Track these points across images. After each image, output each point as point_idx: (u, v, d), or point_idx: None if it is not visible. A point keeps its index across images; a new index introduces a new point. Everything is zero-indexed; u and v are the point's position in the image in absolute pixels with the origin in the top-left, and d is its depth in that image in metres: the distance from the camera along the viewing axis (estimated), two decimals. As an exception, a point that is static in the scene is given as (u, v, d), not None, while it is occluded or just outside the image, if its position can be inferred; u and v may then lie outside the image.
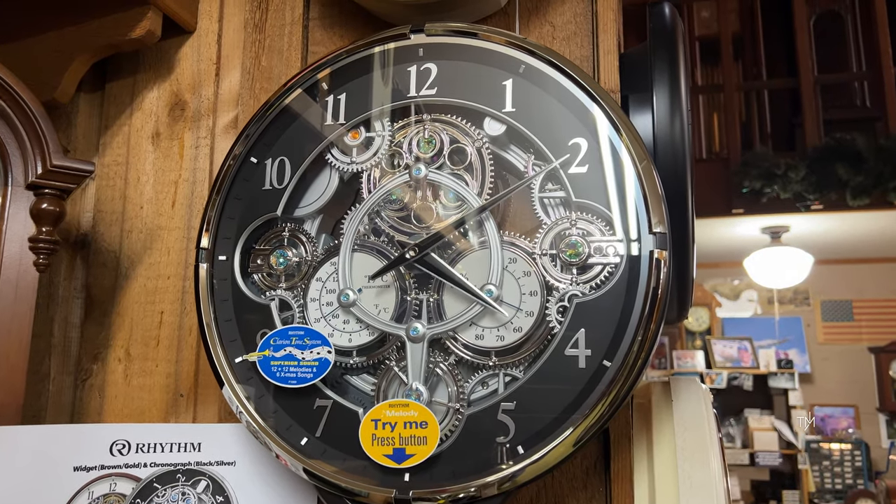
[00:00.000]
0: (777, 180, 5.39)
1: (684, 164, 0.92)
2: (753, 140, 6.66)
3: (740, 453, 6.75)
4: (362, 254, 0.94)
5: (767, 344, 7.38)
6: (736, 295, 7.89)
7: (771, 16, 7.19)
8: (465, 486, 0.81)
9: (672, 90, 0.95)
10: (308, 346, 0.89)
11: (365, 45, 0.96)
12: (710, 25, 7.55)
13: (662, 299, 0.81)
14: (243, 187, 0.97)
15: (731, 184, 5.78)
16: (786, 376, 6.90)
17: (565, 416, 0.80)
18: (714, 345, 7.15)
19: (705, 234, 6.58)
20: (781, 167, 5.38)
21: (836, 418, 7.30)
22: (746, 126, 7.04)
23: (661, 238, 0.81)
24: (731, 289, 7.94)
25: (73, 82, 1.14)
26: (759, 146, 6.16)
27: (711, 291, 7.85)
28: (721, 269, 7.73)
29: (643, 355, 0.80)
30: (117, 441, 0.95)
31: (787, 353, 7.09)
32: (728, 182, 5.86)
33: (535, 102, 0.89)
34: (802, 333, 7.64)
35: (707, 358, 7.12)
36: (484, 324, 0.88)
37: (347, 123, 0.96)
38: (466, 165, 0.92)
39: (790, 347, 7.45)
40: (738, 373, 6.94)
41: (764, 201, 5.54)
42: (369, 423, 0.85)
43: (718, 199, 5.86)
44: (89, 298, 1.18)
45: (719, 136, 7.11)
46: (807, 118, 5.85)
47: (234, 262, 0.96)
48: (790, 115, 6.95)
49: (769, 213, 5.70)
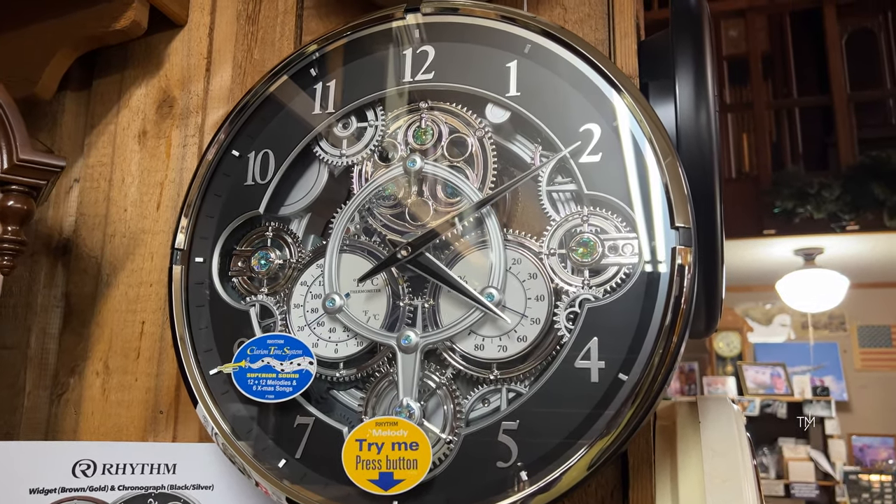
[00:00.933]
0: (810, 200, 5.22)
1: (711, 156, 0.82)
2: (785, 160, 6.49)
3: (775, 484, 6.49)
4: (351, 255, 0.85)
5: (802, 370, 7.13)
6: (768, 319, 7.66)
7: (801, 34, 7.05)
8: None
9: (697, 76, 0.85)
10: (288, 356, 0.80)
11: (356, 27, 0.88)
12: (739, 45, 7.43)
13: (687, 303, 0.70)
14: (223, 182, 0.89)
15: (761, 204, 5.61)
16: (822, 404, 6.63)
17: (575, 438, 0.70)
18: (746, 371, 6.91)
19: (735, 256, 6.40)
20: (815, 186, 5.21)
21: (875, 448, 7.00)
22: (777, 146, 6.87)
23: (685, 234, 0.71)
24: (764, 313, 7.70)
25: (56, 77, 1.07)
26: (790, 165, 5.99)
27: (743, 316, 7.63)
28: (753, 292, 7.51)
29: (665, 368, 0.69)
30: (81, 461, 0.86)
31: (822, 380, 6.83)
32: (759, 202, 5.69)
33: (542, 85, 0.80)
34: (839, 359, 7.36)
35: (739, 384, 6.89)
36: (484, 332, 0.78)
37: (337, 113, 0.87)
38: (466, 157, 0.83)
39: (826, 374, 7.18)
40: (772, 400, 6.69)
41: (796, 222, 5.37)
42: (353, 444, 0.75)
43: (749, 220, 5.69)
44: (68, 307, 1.10)
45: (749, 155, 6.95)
46: (841, 136, 5.68)
47: (212, 264, 0.87)
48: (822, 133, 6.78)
49: (802, 234, 5.51)
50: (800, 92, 6.90)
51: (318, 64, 0.88)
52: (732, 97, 7.50)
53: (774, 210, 5.36)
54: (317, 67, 0.89)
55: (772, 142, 6.98)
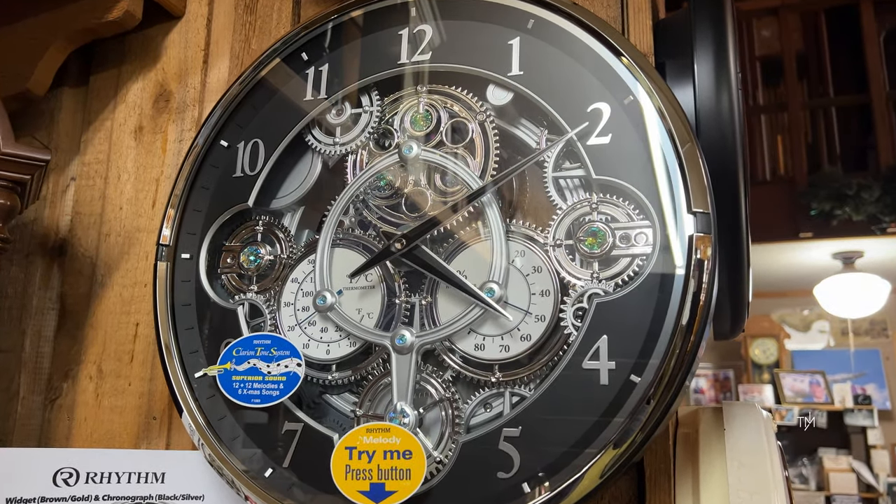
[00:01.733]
0: (849, 202, 5.04)
1: (733, 139, 0.74)
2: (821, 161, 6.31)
3: (815, 496, 6.28)
4: (345, 249, 0.79)
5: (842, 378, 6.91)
6: (806, 326, 7.43)
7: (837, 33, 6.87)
8: (457, 534, 0.65)
9: (718, 53, 0.78)
10: (275, 357, 0.75)
11: (349, 7, 0.82)
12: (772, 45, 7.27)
13: (707, 297, 0.63)
14: (211, 175, 0.84)
15: (797, 206, 5.45)
16: (864, 413, 6.41)
17: (582, 447, 0.63)
18: (783, 379, 6.72)
19: (771, 261, 6.22)
20: (853, 188, 5.04)
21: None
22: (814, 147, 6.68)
23: (703, 220, 0.64)
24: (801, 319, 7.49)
25: (49, 72, 1.04)
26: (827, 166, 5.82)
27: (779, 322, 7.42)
28: (789, 298, 7.30)
29: (682, 370, 0.62)
30: (63, 469, 0.81)
31: (864, 388, 6.61)
32: (794, 205, 5.52)
33: (547, 63, 0.74)
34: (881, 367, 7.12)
35: (776, 393, 6.70)
36: (485, 331, 0.72)
37: (330, 98, 0.82)
38: (467, 143, 0.77)
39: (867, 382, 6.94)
40: (811, 409, 6.49)
41: (834, 224, 5.19)
42: (343, 452, 0.69)
43: (784, 223, 5.52)
44: (63, 309, 1.06)
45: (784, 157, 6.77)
46: (880, 136, 5.50)
47: (199, 260, 0.82)
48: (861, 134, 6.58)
49: (840, 237, 5.33)
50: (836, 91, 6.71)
51: (309, 47, 0.83)
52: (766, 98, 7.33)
53: (811, 212, 5.20)
54: (308, 51, 0.83)
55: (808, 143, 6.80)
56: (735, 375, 7.10)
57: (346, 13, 0.82)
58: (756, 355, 7.08)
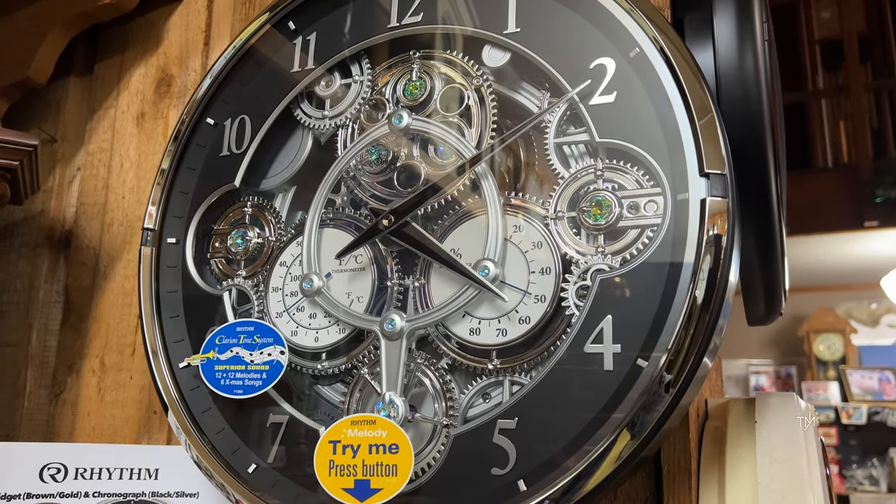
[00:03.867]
0: (917, 188, 4.77)
1: (759, 103, 0.66)
2: (887, 147, 6.00)
3: (886, 499, 5.98)
4: (335, 230, 0.74)
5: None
6: (874, 320, 7.08)
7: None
8: (446, 537, 0.59)
9: (741, 4, 0.69)
10: (258, 345, 0.70)
11: (336, -30, 0.77)
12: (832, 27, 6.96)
13: (724, 271, 0.55)
14: (198, 154, 0.80)
15: (861, 194, 5.19)
16: (939, 411, 6.07)
17: (583, 440, 0.56)
18: (850, 375, 6.42)
19: (834, 252, 5.95)
20: (921, 172, 4.76)
21: None
22: (879, 132, 6.36)
23: (718, 182, 0.56)
24: (869, 313, 7.14)
25: (50, 60, 1.02)
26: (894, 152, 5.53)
27: (846, 317, 7.09)
28: (855, 291, 6.97)
29: (696, 353, 0.55)
30: (50, 465, 0.78)
31: (937, 385, 6.26)
32: (858, 193, 5.27)
33: (545, 17, 0.67)
34: (955, 362, 6.74)
35: (842, 390, 6.40)
36: (480, 314, 0.65)
37: (318, 69, 0.76)
38: (463, 110, 0.71)
39: (943, 378, 6.58)
40: (881, 407, 6.18)
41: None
42: (327, 446, 0.63)
43: (848, 212, 5.27)
44: (68, 302, 1.04)
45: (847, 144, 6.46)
46: (950, 118, 5.19)
47: (185, 245, 0.78)
48: (930, 118, 6.23)
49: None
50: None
51: (295, 15, 0.78)
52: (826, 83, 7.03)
53: (876, 200, 4.94)
54: (295, 19, 0.78)
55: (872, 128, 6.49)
56: (798, 372, 6.81)
57: (332, -23, 0.77)
58: (820, 351, 6.78)
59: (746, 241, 0.68)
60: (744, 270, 0.72)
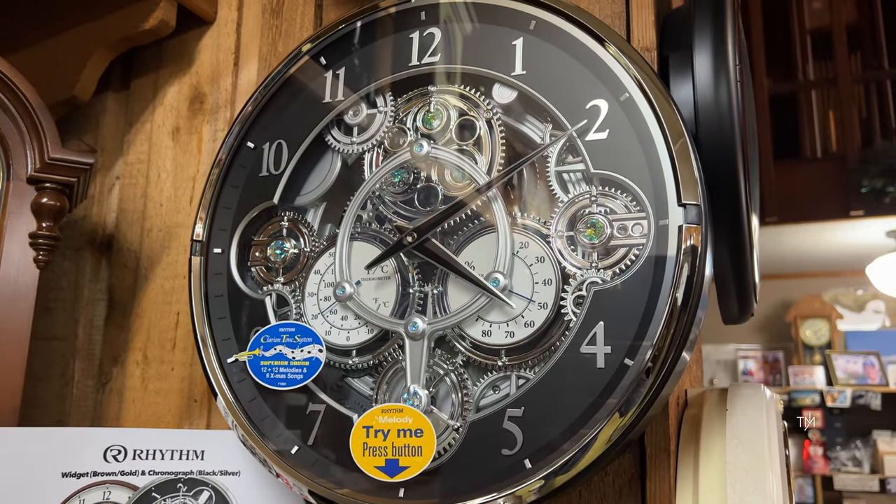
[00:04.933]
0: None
1: (732, 131, 0.77)
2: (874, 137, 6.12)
3: (869, 479, 6.16)
4: (363, 243, 0.85)
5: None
6: (860, 306, 7.25)
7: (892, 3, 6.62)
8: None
9: (717, 46, 0.80)
10: (299, 344, 0.81)
11: (362, 14, 0.87)
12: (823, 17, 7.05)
13: (697, 285, 0.67)
14: (240, 174, 0.90)
15: (848, 184, 5.31)
16: (921, 395, 6.25)
17: (578, 426, 0.67)
18: (836, 360, 6.58)
19: (822, 240, 6.08)
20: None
21: (981, 442, 6.54)
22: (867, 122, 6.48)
23: (693, 211, 0.67)
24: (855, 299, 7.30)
25: (93, 79, 1.12)
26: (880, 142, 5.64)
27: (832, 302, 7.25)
28: (842, 277, 7.12)
29: (674, 353, 0.66)
30: (112, 446, 0.89)
31: (921, 370, 6.43)
32: (845, 182, 5.39)
33: (548, 62, 0.77)
34: (939, 347, 6.91)
35: (828, 374, 6.56)
36: (492, 318, 0.76)
37: (346, 101, 0.87)
38: (475, 140, 0.82)
39: (926, 363, 6.75)
40: (864, 391, 6.35)
41: (887, 202, 5.05)
42: (361, 431, 0.75)
43: (835, 201, 5.40)
44: (111, 300, 1.15)
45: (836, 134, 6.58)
46: (935, 110, 5.31)
47: (230, 254, 0.89)
48: (919, 108, 6.35)
49: (893, 215, 5.18)
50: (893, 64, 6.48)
51: (326, 52, 0.88)
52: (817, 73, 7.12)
53: (862, 190, 5.06)
54: (326, 56, 0.89)
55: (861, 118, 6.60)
56: (785, 357, 6.97)
57: (359, 19, 0.87)
58: (807, 336, 6.94)
59: (720, 251, 0.79)
60: (718, 277, 0.83)
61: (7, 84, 0.92)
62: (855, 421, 6.44)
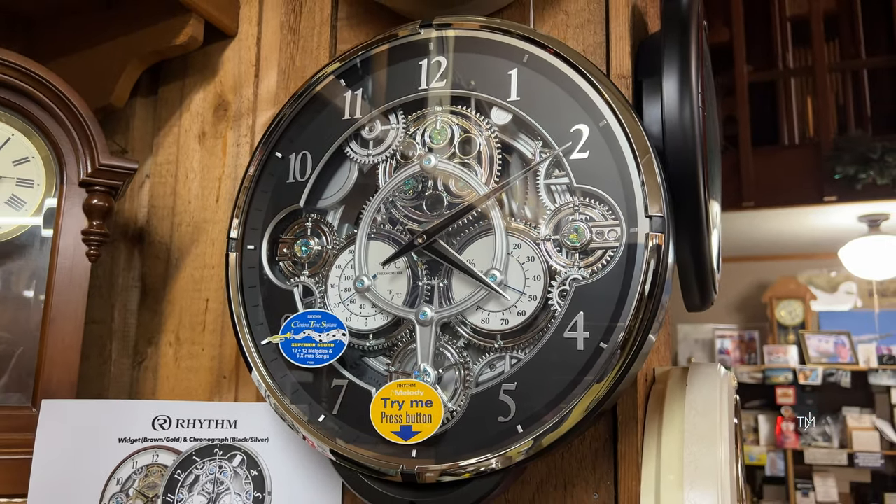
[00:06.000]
0: (873, 165, 5.09)
1: (694, 148, 0.91)
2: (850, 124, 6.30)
3: (838, 453, 6.42)
4: (378, 242, 0.98)
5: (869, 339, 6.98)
6: (833, 287, 7.49)
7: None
8: (467, 464, 0.84)
9: (682, 74, 0.94)
10: (325, 328, 0.95)
11: (378, 42, 1.00)
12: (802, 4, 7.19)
13: (660, 282, 0.81)
14: (269, 181, 1.03)
15: (822, 170, 5.50)
16: (888, 373, 6.50)
17: (561, 399, 0.82)
18: (808, 339, 6.81)
19: (797, 224, 6.28)
20: (878, 151, 5.07)
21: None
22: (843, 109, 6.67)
23: (657, 222, 0.82)
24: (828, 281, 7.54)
25: (127, 88, 1.24)
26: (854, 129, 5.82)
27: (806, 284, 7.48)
28: (816, 260, 7.35)
29: (639, 338, 0.81)
30: (159, 416, 1.03)
31: (889, 349, 6.68)
32: (820, 168, 5.58)
33: (539, 90, 0.91)
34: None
35: (801, 353, 6.81)
36: (489, 308, 0.90)
37: (363, 118, 1.00)
38: (475, 154, 0.95)
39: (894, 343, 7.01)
40: (835, 369, 6.60)
41: (858, 188, 5.25)
42: (379, 402, 0.89)
43: (809, 187, 5.58)
44: (144, 287, 1.28)
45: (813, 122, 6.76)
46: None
47: (261, 251, 1.02)
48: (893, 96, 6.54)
49: (865, 201, 5.38)
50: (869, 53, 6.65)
51: (346, 75, 1.01)
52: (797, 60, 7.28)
53: (835, 176, 5.25)
54: (345, 78, 1.01)
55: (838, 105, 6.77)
56: (760, 336, 7.21)
57: (375, 47, 1.00)
58: (782, 317, 7.17)
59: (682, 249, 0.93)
60: (681, 273, 0.98)
61: (61, 98, 1.04)
62: (826, 398, 6.69)
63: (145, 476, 1.01)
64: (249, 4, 1.28)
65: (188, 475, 1.02)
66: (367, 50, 1.01)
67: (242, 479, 1.04)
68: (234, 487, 1.03)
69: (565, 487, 0.94)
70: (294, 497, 1.04)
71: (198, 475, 1.03)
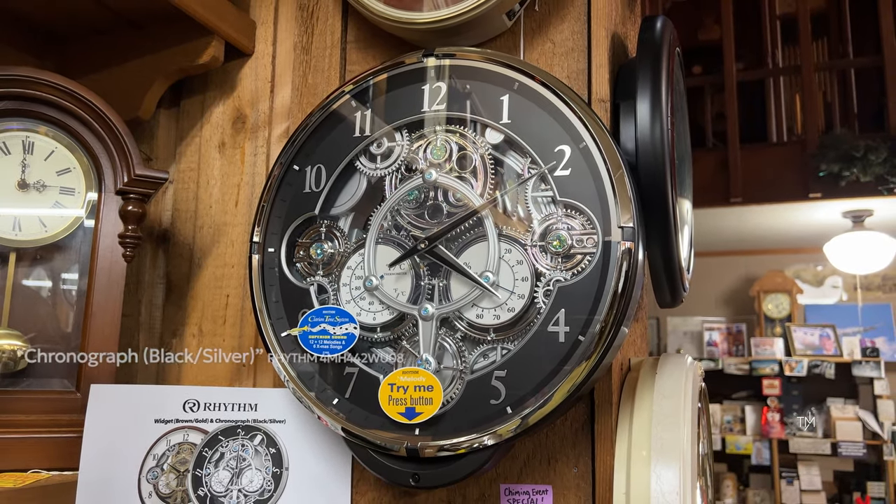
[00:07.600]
0: (857, 163, 5.24)
1: (663, 164, 1.04)
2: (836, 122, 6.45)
3: (821, 443, 6.59)
4: (385, 246, 1.11)
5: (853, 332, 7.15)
6: (819, 281, 7.66)
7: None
8: (463, 440, 0.97)
9: (653, 97, 1.07)
10: (338, 322, 1.07)
11: (387, 68, 1.13)
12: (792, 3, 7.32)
13: (631, 282, 0.94)
14: (287, 191, 1.16)
15: (807, 167, 5.65)
16: (871, 365, 6.67)
17: (545, 384, 0.95)
18: (794, 332, 6.98)
19: (783, 219, 6.44)
20: (861, 149, 5.22)
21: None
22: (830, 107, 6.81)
23: (628, 231, 0.95)
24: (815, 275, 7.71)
25: (153, 102, 1.36)
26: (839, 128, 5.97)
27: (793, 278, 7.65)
28: (803, 254, 7.52)
29: (612, 332, 0.94)
30: (189, 400, 1.16)
31: (872, 342, 6.85)
32: (806, 166, 5.73)
33: (527, 114, 1.04)
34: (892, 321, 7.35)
35: (787, 345, 6.97)
36: (483, 305, 1.03)
37: (372, 136, 1.13)
38: (471, 169, 1.08)
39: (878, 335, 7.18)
40: (820, 361, 6.77)
41: (842, 185, 5.39)
42: (386, 387, 1.02)
43: (795, 184, 5.73)
44: (169, 284, 1.40)
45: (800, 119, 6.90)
46: (891, 98, 5.64)
47: (280, 253, 1.15)
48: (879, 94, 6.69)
49: (849, 198, 5.54)
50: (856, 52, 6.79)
51: (356, 97, 1.14)
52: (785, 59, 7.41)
53: (819, 174, 5.40)
54: (355, 100, 1.14)
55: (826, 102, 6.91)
56: (748, 329, 7.37)
57: (384, 72, 1.12)
58: (769, 310, 7.33)
59: (654, 253, 1.06)
60: (653, 273, 1.11)
61: (99, 115, 1.16)
62: (810, 389, 6.85)
63: (177, 453, 1.14)
64: (265, 25, 1.40)
65: (214, 452, 1.15)
66: (376, 74, 1.13)
67: (262, 456, 1.17)
68: (255, 463, 1.16)
69: (549, 462, 1.07)
70: (309, 471, 1.17)
71: (223, 452, 1.16)
